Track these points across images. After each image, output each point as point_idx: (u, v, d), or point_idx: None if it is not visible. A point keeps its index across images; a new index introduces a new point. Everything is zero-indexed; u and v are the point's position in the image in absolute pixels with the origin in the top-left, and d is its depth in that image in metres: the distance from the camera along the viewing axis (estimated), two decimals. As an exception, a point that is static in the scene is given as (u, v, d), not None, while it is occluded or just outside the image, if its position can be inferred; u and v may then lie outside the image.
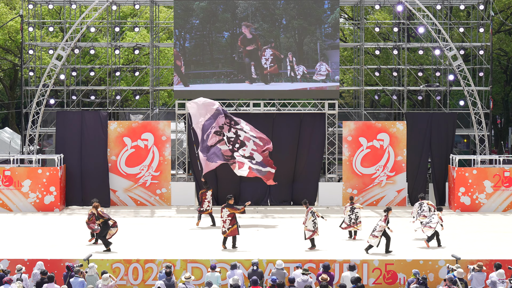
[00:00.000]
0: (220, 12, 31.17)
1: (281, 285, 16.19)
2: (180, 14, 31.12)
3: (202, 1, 30.95)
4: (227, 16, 31.09)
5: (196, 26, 31.18)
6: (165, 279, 17.36)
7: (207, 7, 31.07)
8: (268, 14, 31.17)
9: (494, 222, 27.40)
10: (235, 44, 31.16)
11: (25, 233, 25.02)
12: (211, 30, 31.19)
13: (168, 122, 31.19)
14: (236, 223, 22.47)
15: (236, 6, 31.15)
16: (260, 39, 31.10)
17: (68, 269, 18.00)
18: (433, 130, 30.99)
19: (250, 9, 31.11)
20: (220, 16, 31.19)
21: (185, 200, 30.72)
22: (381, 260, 20.42)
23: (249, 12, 31.10)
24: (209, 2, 31.06)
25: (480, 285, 18.12)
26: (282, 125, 31.20)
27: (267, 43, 31.08)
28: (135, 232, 25.32)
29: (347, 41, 43.30)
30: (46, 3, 33.38)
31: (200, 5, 31.00)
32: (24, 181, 29.37)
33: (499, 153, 36.36)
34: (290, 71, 31.06)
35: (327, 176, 32.54)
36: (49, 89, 30.86)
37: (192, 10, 31.06)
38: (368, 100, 42.33)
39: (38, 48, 34.81)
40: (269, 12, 31.19)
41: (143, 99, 40.43)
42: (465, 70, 30.64)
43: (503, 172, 29.42)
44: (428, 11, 31.05)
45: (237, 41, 31.12)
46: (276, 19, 31.19)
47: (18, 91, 44.50)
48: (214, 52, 31.23)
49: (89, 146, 30.69)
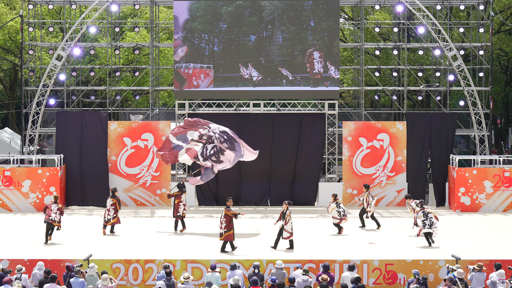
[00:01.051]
0: (247, 15, 31.18)
1: (281, 285, 16.19)
2: (209, 19, 31.12)
3: (229, 6, 31.01)
4: (253, 20, 31.09)
5: (224, 30, 31.19)
6: (165, 279, 17.36)
7: (234, 11, 31.09)
8: (295, 16, 31.17)
9: (494, 222, 27.40)
10: (262, 47, 31.14)
11: (25, 233, 25.01)
12: (238, 33, 31.20)
13: (168, 122, 31.20)
14: (232, 228, 22.13)
15: (262, 9, 31.15)
16: (287, 41, 31.05)
17: (68, 269, 17.99)
18: (433, 130, 30.98)
19: (277, 11, 31.11)
20: (246, 19, 31.19)
21: (185, 200, 30.70)
22: (381, 260, 20.41)
23: (275, 15, 31.09)
24: (236, 6, 31.07)
25: (480, 285, 18.11)
26: (282, 125, 31.20)
27: (295, 45, 31.02)
28: (135, 232, 25.32)
29: (347, 41, 43.29)
30: (46, 3, 33.39)
31: (228, 9, 31.05)
32: (24, 181, 29.38)
33: (499, 153, 36.36)
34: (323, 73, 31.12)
35: (327, 176, 32.55)
36: (49, 89, 30.86)
37: (220, 15, 31.12)
38: (368, 100, 42.32)
39: (38, 48, 34.82)
40: (296, 14, 31.18)
41: (143, 99, 40.44)
42: (465, 70, 30.64)
43: (503, 172, 29.42)
44: (428, 11, 31.05)
45: (263, 44, 31.13)
46: (303, 21, 31.17)
47: (18, 91, 44.49)
48: (241, 55, 31.23)
49: (89, 146, 30.69)
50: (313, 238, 24.22)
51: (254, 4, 31.20)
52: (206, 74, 31.15)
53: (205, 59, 31.19)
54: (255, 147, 30.96)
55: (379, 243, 23.33)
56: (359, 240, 23.81)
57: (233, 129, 31.13)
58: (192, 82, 31.09)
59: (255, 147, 30.94)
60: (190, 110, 31.33)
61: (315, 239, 24.12)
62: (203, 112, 31.38)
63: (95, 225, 26.74)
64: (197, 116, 31.15)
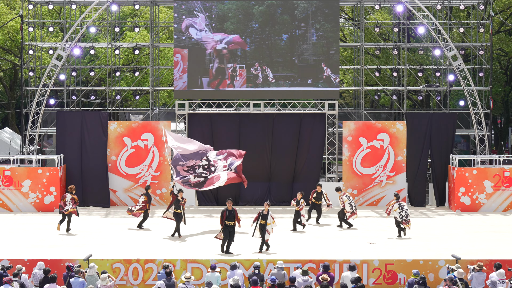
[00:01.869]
0: (279, 14, 31.08)
1: (281, 285, 16.19)
2: (241, 19, 31.04)
3: (261, 5, 30.91)
4: (285, 18, 31.00)
5: (255, 29, 31.10)
6: (165, 279, 17.35)
7: (266, 10, 30.92)
8: (331, 13, 31.06)
9: (494, 222, 27.40)
10: (295, 47, 31.05)
11: (25, 233, 25.01)
12: (270, 33, 31.13)
13: (168, 122, 31.19)
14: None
15: (295, 7, 31.12)
16: (322, 39, 31.00)
17: (68, 269, 17.99)
18: (433, 130, 30.98)
19: (311, 8, 30.99)
20: (278, 18, 31.09)
21: (185, 200, 30.70)
22: (381, 260, 20.41)
23: (309, 13, 30.99)
24: (268, 5, 30.91)
25: (480, 285, 18.12)
26: (282, 125, 31.20)
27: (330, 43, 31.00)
28: (135, 232, 25.32)
29: (347, 41, 43.29)
30: (46, 3, 33.39)
31: (260, 8, 30.97)
32: (24, 181, 29.37)
33: (499, 153, 36.36)
34: None
35: (327, 176, 32.55)
36: (49, 89, 30.86)
37: (252, 15, 31.01)
38: (368, 100, 42.32)
39: (38, 48, 34.81)
40: (331, 10, 31.08)
41: (143, 99, 40.43)
42: (465, 70, 30.64)
43: (503, 172, 29.42)
44: (428, 11, 31.05)
45: (296, 43, 31.02)
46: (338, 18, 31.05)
47: (18, 91, 44.49)
48: (273, 55, 31.19)
49: (89, 146, 30.69)
50: (313, 238, 24.22)
51: (286, 2, 30.99)
52: (240, 74, 31.18)
53: (237, 59, 31.16)
54: (255, 147, 31.12)
55: (379, 243, 23.33)
56: (359, 240, 23.81)
57: (233, 129, 31.34)
58: (226, 82, 31.15)
59: (255, 147, 31.10)
60: (190, 110, 31.33)
61: (315, 239, 24.12)
62: (203, 112, 31.38)
63: (95, 225, 26.77)
64: (197, 116, 31.20)
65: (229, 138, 31.05)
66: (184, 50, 31.14)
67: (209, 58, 31.12)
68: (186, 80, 31.20)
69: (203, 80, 31.14)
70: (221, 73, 31.10)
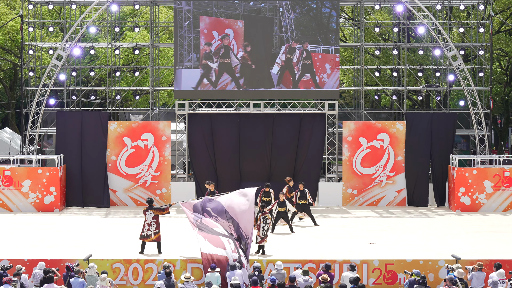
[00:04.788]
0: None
1: (281, 285, 16.19)
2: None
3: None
4: None
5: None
6: (165, 279, 17.36)
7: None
8: None
9: (494, 222, 27.39)
10: None
11: (25, 233, 25.01)
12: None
13: (168, 122, 31.19)
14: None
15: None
16: None
17: (68, 269, 18.00)
18: (433, 130, 30.97)
19: None
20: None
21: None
22: (381, 260, 20.42)
23: None
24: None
25: (481, 284, 18.14)
26: (282, 125, 31.19)
27: None
28: (135, 232, 25.28)
29: (347, 41, 43.29)
30: (46, 3, 33.39)
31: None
32: (24, 181, 29.36)
33: (499, 153, 36.35)
34: None
35: (327, 176, 32.55)
36: (49, 89, 30.85)
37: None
38: (368, 100, 42.32)
39: (38, 48, 34.81)
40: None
41: (143, 99, 40.44)
42: (465, 70, 30.63)
43: (503, 172, 29.41)
44: (428, 11, 31.04)
45: None
46: None
47: (18, 91, 44.50)
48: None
49: (89, 146, 30.68)
50: (313, 238, 24.22)
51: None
52: None
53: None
54: (255, 147, 31.13)
55: (379, 243, 23.33)
56: (359, 240, 23.81)
57: (233, 129, 31.32)
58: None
59: (255, 147, 31.11)
60: (190, 110, 31.33)
61: (315, 239, 24.12)
62: (203, 112, 31.38)
63: (95, 225, 26.77)
64: (197, 116, 31.19)
65: (229, 138, 31.07)
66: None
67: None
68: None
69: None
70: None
